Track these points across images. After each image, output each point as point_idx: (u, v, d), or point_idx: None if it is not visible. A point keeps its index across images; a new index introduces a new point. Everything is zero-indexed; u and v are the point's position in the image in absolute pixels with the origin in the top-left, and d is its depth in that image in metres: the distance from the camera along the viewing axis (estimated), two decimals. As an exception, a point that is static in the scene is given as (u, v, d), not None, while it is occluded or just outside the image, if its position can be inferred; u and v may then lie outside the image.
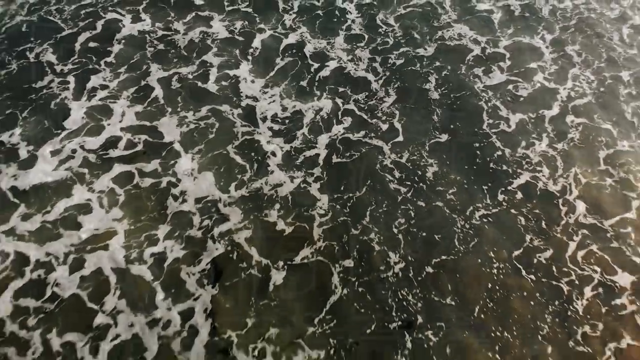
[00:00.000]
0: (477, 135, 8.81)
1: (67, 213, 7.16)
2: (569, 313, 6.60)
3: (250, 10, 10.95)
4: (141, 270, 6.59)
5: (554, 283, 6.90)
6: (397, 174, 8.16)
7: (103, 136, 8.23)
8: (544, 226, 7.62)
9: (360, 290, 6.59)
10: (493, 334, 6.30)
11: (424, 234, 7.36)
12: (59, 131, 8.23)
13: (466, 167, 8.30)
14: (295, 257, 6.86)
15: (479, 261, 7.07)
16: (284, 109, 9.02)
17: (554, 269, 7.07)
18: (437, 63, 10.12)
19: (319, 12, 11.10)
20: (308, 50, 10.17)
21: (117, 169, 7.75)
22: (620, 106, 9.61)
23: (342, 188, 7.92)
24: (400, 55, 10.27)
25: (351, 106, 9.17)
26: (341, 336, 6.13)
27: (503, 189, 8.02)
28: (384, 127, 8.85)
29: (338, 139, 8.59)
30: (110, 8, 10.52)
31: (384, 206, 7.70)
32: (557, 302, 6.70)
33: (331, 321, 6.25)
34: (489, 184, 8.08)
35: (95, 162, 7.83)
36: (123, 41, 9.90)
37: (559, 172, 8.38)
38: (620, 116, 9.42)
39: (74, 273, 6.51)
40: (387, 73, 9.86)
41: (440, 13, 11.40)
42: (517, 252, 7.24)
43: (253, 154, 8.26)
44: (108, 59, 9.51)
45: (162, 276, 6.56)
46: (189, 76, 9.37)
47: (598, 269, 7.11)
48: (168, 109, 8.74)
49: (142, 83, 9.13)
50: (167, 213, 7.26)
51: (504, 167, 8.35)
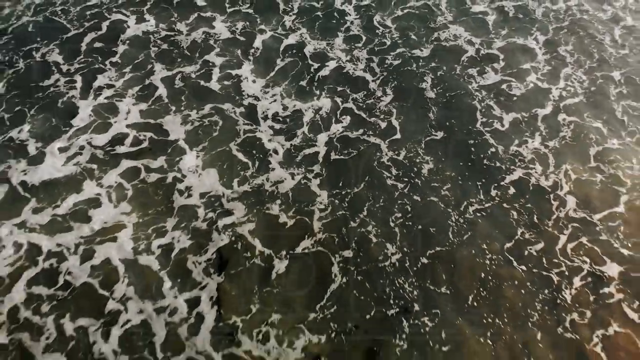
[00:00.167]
0: (472, 133, 9.21)
1: (77, 207, 7.54)
2: (558, 301, 6.99)
3: (251, 11, 11.37)
4: (149, 260, 6.97)
5: (544, 273, 7.28)
6: (394, 171, 8.53)
7: (110, 133, 8.61)
8: (536, 220, 8.00)
9: (359, 278, 6.99)
10: (485, 321, 6.69)
11: (420, 227, 7.74)
12: (67, 128, 8.61)
13: (461, 164, 8.69)
14: (296, 248, 7.26)
15: (473, 253, 7.45)
16: (285, 108, 9.40)
17: (545, 261, 7.45)
18: (433, 63, 10.54)
19: (319, 14, 11.52)
20: (308, 50, 10.58)
21: (125, 165, 8.13)
22: (610, 105, 10.03)
23: (341, 184, 8.29)
24: (397, 56, 10.68)
25: (350, 105, 9.57)
26: (341, 321, 6.53)
27: (496, 185, 8.41)
28: (382, 125, 9.24)
29: (337, 137, 8.97)
30: (114, 9, 10.94)
31: (381, 201, 8.08)
32: (547, 291, 7.09)
33: (331, 307, 6.64)
34: (483, 180, 8.47)
35: (103, 158, 8.21)
36: (128, 41, 10.30)
37: (551, 169, 8.77)
38: (610, 115, 9.83)
39: (85, 262, 6.88)
40: (385, 73, 10.27)
41: (436, 14, 11.83)
42: (509, 245, 7.62)
43: (255, 152, 8.64)
44: (113, 59, 9.90)
45: (170, 266, 6.95)
46: (192, 75, 9.77)
47: (587, 260, 7.50)
48: (172, 108, 9.13)
49: (147, 82, 9.52)
50: (174, 207, 7.64)
51: (497, 164, 8.74)
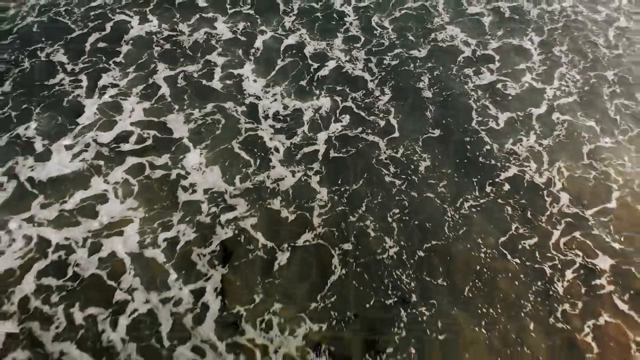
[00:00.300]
0: (468, 131, 9.52)
1: (85, 203, 7.82)
2: (551, 293, 7.29)
3: (252, 12, 11.68)
4: (155, 253, 7.26)
5: (537, 266, 7.59)
6: (392, 168, 8.83)
7: (115, 131, 8.90)
8: (529, 216, 8.31)
9: (358, 270, 7.29)
10: (480, 311, 6.99)
11: (416, 223, 8.04)
12: (73, 127, 8.89)
13: (457, 161, 8.99)
14: (297, 241, 7.57)
15: (468, 247, 7.76)
16: (285, 107, 9.70)
17: (538, 254, 7.76)
18: (430, 64, 10.86)
19: (318, 15, 11.85)
20: (308, 51, 10.89)
21: (130, 162, 8.42)
22: (604, 104, 10.35)
23: (340, 181, 8.58)
24: (395, 56, 10.99)
25: (349, 104, 9.87)
26: (341, 310, 6.83)
27: (491, 181, 8.72)
28: (381, 124, 9.54)
29: (336, 136, 9.27)
30: (118, 10, 11.24)
31: (380, 197, 8.37)
32: (540, 283, 7.39)
33: (332, 297, 6.95)
34: (478, 177, 8.78)
35: (108, 155, 8.50)
36: (131, 41, 10.60)
37: (545, 166, 9.08)
38: (603, 114, 10.15)
39: (93, 255, 7.17)
40: (383, 73, 10.58)
41: (433, 15, 12.16)
42: (504, 239, 7.93)
43: (256, 150, 8.93)
44: (117, 59, 10.20)
45: (175, 258, 7.24)
46: (194, 75, 10.07)
47: (580, 253, 7.80)
48: (175, 106, 9.42)
49: (150, 81, 9.81)
50: (178, 202, 7.93)
51: (493, 162, 9.05)
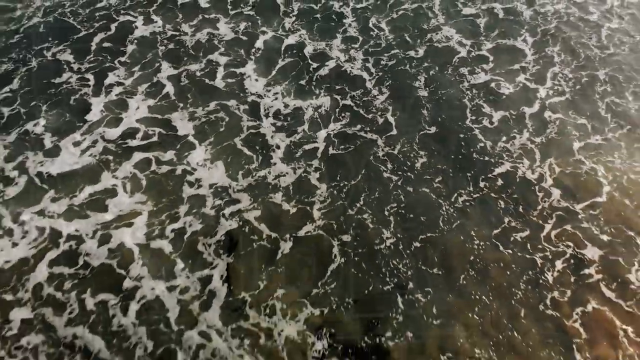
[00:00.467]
0: (463, 129, 9.95)
1: (95, 197, 8.24)
2: (541, 281, 7.71)
3: (252, 13, 12.14)
4: (163, 243, 7.69)
5: (528, 257, 8.02)
6: (390, 165, 9.25)
7: (121, 128, 9.31)
8: (521, 210, 8.74)
9: (357, 259, 7.71)
10: (473, 297, 7.43)
11: (412, 216, 8.46)
12: (81, 124, 9.31)
13: (452, 157, 9.43)
14: (299, 232, 7.99)
15: (462, 239, 8.17)
16: (286, 106, 10.12)
17: (529, 246, 8.17)
18: (426, 64, 11.31)
19: (318, 16, 12.30)
20: (307, 51, 11.33)
21: (137, 157, 8.83)
22: (595, 102, 10.78)
23: (339, 177, 8.99)
24: (392, 56, 11.43)
25: (348, 102, 10.30)
26: (341, 296, 7.24)
27: (484, 177, 9.13)
28: (379, 122, 9.97)
29: (335, 133, 9.68)
30: (122, 11, 11.68)
31: (377, 193, 8.78)
32: (531, 273, 7.81)
33: (332, 283, 7.36)
34: (472, 172, 9.20)
35: (116, 151, 8.92)
36: (135, 41, 11.04)
37: (537, 163, 9.50)
38: (594, 112, 10.58)
39: (102, 246, 7.59)
40: (380, 73, 11.02)
41: (429, 17, 12.63)
42: (496, 232, 8.34)
43: (258, 147, 9.34)
44: (122, 59, 10.63)
45: (183, 248, 7.66)
46: (197, 74, 10.50)
47: (570, 244, 8.20)
48: (180, 104, 9.84)
49: (155, 80, 10.23)
50: (184, 196, 8.35)
51: (486, 158, 9.46)
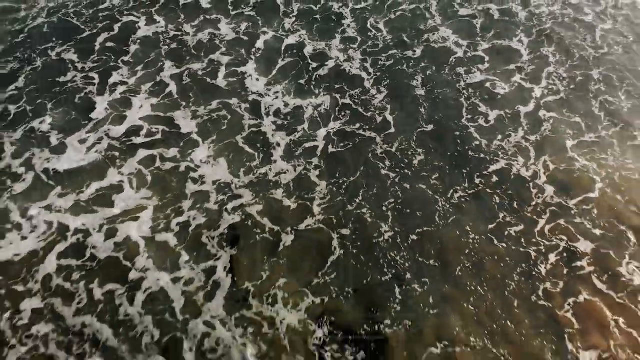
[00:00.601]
0: (459, 127, 10.27)
1: (101, 192, 8.55)
2: (534, 274, 8.03)
3: (253, 13, 12.49)
4: (168, 237, 8.01)
5: (522, 250, 8.34)
6: (388, 162, 9.56)
7: (125, 126, 9.62)
8: (516, 206, 9.05)
9: (355, 251, 8.03)
10: (469, 288, 7.75)
11: (409, 211, 8.77)
12: (86, 122, 9.62)
13: (449, 155, 9.75)
14: (300, 225, 8.32)
15: (458, 233, 8.49)
16: (286, 105, 10.45)
17: (523, 240, 8.49)
18: (423, 64, 11.66)
19: (317, 17, 12.66)
20: (307, 50, 11.67)
21: (141, 155, 9.15)
22: (589, 101, 11.13)
23: (339, 174, 9.30)
24: (390, 56, 11.78)
25: (347, 101, 10.64)
26: (341, 286, 7.57)
27: (479, 174, 9.46)
28: (377, 120, 10.30)
29: (335, 132, 9.99)
30: (126, 12, 12.02)
31: (375, 189, 9.10)
32: (524, 265, 8.13)
33: (332, 274, 7.68)
34: (468, 169, 9.53)
35: (121, 148, 9.23)
36: (139, 41, 11.37)
37: (531, 160, 9.82)
38: (588, 110, 10.92)
39: (109, 239, 7.90)
40: (379, 73, 11.37)
41: (427, 18, 12.98)
42: (491, 226, 8.66)
43: (259, 145, 9.66)
44: (125, 58, 10.96)
45: (187, 241, 7.97)
46: (199, 73, 10.83)
47: (563, 238, 8.52)
48: (182, 103, 10.17)
49: (158, 79, 10.56)
50: (189, 192, 8.67)
51: (482, 155, 9.77)
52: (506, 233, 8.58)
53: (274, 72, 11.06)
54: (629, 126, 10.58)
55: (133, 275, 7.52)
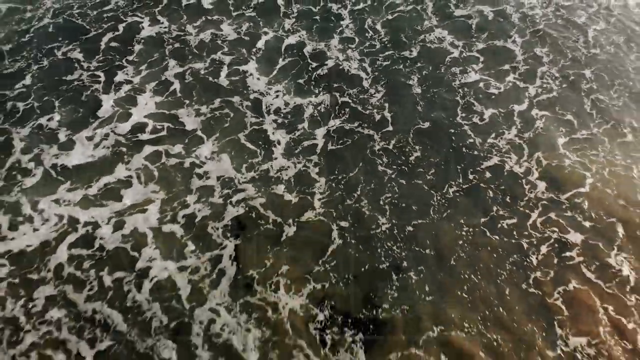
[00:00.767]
0: (454, 125, 10.76)
1: (110, 187, 9.00)
2: (525, 263, 8.50)
3: (254, 14, 12.99)
4: (174, 227, 8.47)
5: (514, 242, 8.81)
6: (385, 158, 10.02)
7: (131, 123, 10.07)
8: (509, 200, 9.51)
9: (354, 242, 8.49)
10: (462, 276, 8.22)
11: (404, 205, 9.23)
12: (93, 119, 10.08)
13: (444, 151, 10.23)
14: (301, 217, 8.80)
15: (452, 225, 8.94)
16: (286, 104, 10.91)
17: (516, 232, 8.96)
18: (419, 63, 12.15)
19: (317, 17, 13.17)
20: (307, 50, 12.16)
21: (148, 150, 9.61)
22: (581, 99, 11.62)
23: (337, 171, 9.74)
24: (387, 56, 12.26)
25: (346, 100, 11.12)
26: (341, 273, 8.04)
27: (472, 170, 9.91)
28: (375, 118, 10.77)
29: (334, 129, 10.45)
30: (130, 13, 12.51)
31: (373, 184, 9.55)
32: (516, 255, 8.58)
33: (332, 262, 8.16)
34: (462, 165, 9.98)
35: (127, 144, 9.68)
36: (142, 41, 11.85)
37: (524, 157, 10.27)
38: (580, 108, 11.42)
39: (117, 231, 8.36)
40: (376, 73, 11.85)
41: (423, 19, 13.49)
42: (485, 220, 9.12)
43: (261, 142, 10.11)
44: (130, 57, 11.44)
45: (194, 231, 8.43)
46: (202, 72, 11.30)
47: (555, 229, 8.98)
48: (186, 101, 10.64)
49: (162, 78, 11.02)
50: (194, 186, 9.13)
51: (476, 152, 10.22)
52: (499, 226, 9.02)
53: (275, 72, 11.53)
54: (619, 123, 11.07)
55: (140, 264, 7.96)
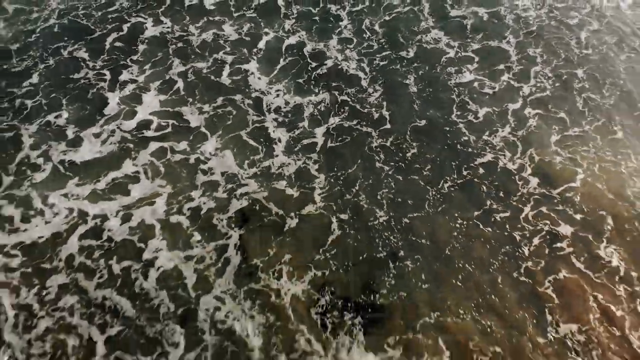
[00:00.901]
0: (449, 123, 11.22)
1: (117, 182, 9.43)
2: (517, 254, 8.96)
3: (255, 15, 13.47)
4: (181, 219, 8.93)
5: (507, 234, 9.27)
6: (383, 155, 10.46)
7: (136, 120, 10.52)
8: (502, 195, 9.95)
9: (353, 232, 8.95)
10: (457, 266, 8.68)
11: (401, 200, 9.67)
12: (100, 117, 10.53)
13: (439, 148, 10.70)
14: (302, 210, 9.26)
15: (447, 218, 9.38)
16: (287, 103, 11.38)
17: (508, 224, 9.40)
18: (416, 63, 12.63)
19: (316, 18, 13.67)
20: (307, 50, 12.64)
21: (153, 146, 10.06)
22: (573, 98, 12.10)
23: (337, 167, 10.18)
24: (385, 56, 12.75)
25: (345, 98, 11.59)
26: (340, 261, 8.51)
27: (467, 166, 10.35)
28: (373, 116, 11.22)
29: (333, 127, 10.89)
30: (134, 14, 12.98)
31: (371, 180, 9.99)
32: (508, 247, 9.02)
33: (332, 250, 8.63)
34: (457, 162, 10.43)
35: (133, 140, 10.14)
36: (146, 41, 12.32)
37: (517, 154, 10.71)
38: (572, 107, 11.89)
39: (125, 223, 8.81)
40: (374, 73, 12.33)
41: (420, 20, 14.00)
42: (478, 213, 9.57)
43: (262, 140, 10.56)
44: (134, 57, 11.90)
45: (199, 222, 8.88)
46: (204, 71, 11.77)
47: (546, 222, 9.43)
48: (189, 99, 11.10)
49: (166, 77, 11.48)
50: (199, 181, 9.58)
51: (470, 149, 10.67)
52: (492, 219, 9.48)
53: (275, 71, 12.00)
54: (610, 121, 11.54)
55: (147, 254, 8.41)
